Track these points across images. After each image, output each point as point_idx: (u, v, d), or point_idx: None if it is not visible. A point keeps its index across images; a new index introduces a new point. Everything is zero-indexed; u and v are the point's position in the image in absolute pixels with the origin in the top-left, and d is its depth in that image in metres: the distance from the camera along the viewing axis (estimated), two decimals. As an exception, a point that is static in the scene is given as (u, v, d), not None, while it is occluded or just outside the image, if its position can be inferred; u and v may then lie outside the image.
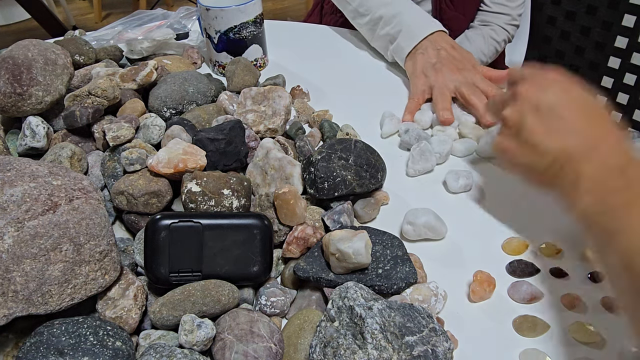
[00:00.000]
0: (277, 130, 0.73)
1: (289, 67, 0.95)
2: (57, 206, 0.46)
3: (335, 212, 0.59)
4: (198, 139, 0.63)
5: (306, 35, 1.09)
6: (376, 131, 0.78)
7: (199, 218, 0.51)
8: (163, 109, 0.74)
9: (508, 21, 1.14)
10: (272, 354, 0.45)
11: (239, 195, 0.57)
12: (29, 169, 0.48)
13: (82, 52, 0.86)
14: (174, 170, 0.58)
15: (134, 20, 1.06)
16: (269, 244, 0.52)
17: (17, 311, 0.43)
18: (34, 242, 0.43)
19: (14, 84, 0.64)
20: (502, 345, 0.49)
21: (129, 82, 0.77)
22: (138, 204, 0.58)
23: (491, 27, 1.14)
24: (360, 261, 0.50)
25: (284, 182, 0.62)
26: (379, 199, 0.64)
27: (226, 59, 0.91)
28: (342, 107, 0.82)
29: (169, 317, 0.47)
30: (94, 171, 0.65)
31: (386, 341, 0.42)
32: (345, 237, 0.51)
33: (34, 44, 0.68)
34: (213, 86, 0.81)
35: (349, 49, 1.02)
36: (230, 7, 0.85)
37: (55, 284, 0.44)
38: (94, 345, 0.42)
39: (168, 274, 0.50)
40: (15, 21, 3.10)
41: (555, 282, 0.55)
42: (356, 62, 0.98)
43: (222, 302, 0.48)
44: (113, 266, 0.49)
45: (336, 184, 0.59)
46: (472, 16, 1.16)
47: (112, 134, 0.63)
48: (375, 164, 0.63)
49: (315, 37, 1.08)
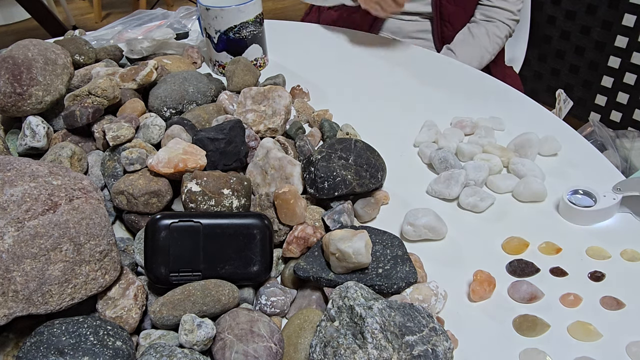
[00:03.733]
0: (277, 130, 0.73)
1: (289, 67, 0.95)
2: (57, 206, 0.46)
3: (336, 212, 0.59)
4: (198, 138, 0.63)
5: (306, 35, 1.09)
6: (376, 131, 0.78)
7: (199, 218, 0.51)
8: (163, 109, 0.74)
9: (509, 16, 1.14)
10: (272, 353, 0.45)
11: (239, 195, 0.57)
12: (29, 169, 0.48)
13: (82, 51, 0.86)
14: (174, 170, 0.58)
15: (134, 20, 1.06)
16: (269, 243, 0.52)
17: (18, 311, 0.43)
18: (34, 242, 0.43)
19: (14, 83, 0.64)
20: (502, 344, 0.49)
21: (129, 82, 0.77)
22: (138, 204, 0.58)
23: (494, 23, 1.14)
24: (361, 261, 0.50)
25: (284, 181, 0.62)
26: (379, 198, 0.64)
27: (226, 59, 0.91)
28: (342, 107, 0.82)
29: (169, 317, 0.47)
30: (94, 171, 0.65)
31: (386, 341, 0.42)
32: (345, 236, 0.51)
33: (34, 43, 0.68)
34: (213, 86, 0.81)
35: (349, 48, 1.02)
36: (230, 7, 0.85)
37: (55, 283, 0.44)
38: (94, 345, 0.42)
39: (168, 273, 0.50)
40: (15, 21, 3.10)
41: (555, 281, 0.55)
42: (356, 61, 0.98)
43: (222, 301, 0.48)
44: (113, 266, 0.49)
45: (336, 184, 0.59)
46: (472, 11, 1.16)
47: (112, 133, 0.63)
48: (375, 163, 0.63)
49: (315, 37, 1.08)
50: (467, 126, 0.76)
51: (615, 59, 1.43)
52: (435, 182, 0.66)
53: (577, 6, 1.33)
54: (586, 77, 1.67)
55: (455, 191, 0.65)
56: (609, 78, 1.43)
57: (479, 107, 0.83)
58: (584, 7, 1.31)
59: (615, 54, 1.43)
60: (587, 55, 1.43)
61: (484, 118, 0.79)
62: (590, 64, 1.42)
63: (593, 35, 1.36)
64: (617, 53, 1.42)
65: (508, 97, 0.85)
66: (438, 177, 0.67)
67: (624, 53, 1.43)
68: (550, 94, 1.81)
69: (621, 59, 1.44)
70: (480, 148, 0.72)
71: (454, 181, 0.65)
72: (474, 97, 0.86)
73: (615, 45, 1.42)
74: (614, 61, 1.42)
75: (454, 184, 0.65)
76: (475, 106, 0.83)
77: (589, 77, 1.62)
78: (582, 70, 1.46)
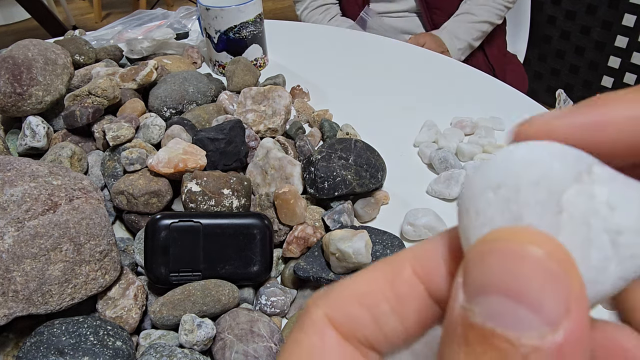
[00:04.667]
0: (277, 130, 0.73)
1: (289, 67, 0.95)
2: (57, 206, 0.46)
3: (336, 212, 0.59)
4: (198, 138, 0.63)
5: (306, 35, 1.09)
6: (376, 131, 0.78)
7: (199, 218, 0.51)
8: (163, 109, 0.74)
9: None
10: (272, 353, 0.45)
11: (239, 195, 0.57)
12: (29, 169, 0.48)
13: (82, 51, 0.86)
14: (174, 170, 0.58)
15: (134, 20, 1.06)
16: (269, 243, 0.52)
17: (18, 311, 0.43)
18: (34, 242, 0.43)
19: (14, 83, 0.64)
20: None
21: (129, 82, 0.77)
22: (138, 204, 0.58)
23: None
24: (361, 261, 0.50)
25: (284, 181, 0.62)
26: (379, 198, 0.64)
27: (226, 59, 0.91)
28: (342, 107, 0.82)
29: (169, 317, 0.47)
30: (94, 171, 0.65)
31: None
32: (345, 236, 0.51)
33: (34, 43, 0.68)
34: (213, 86, 0.81)
35: (349, 48, 1.02)
36: (230, 7, 0.85)
37: (55, 283, 0.44)
38: (94, 345, 0.42)
39: (168, 273, 0.50)
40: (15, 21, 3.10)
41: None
42: (356, 61, 0.98)
43: (222, 301, 0.48)
44: (113, 266, 0.49)
45: (336, 184, 0.59)
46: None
47: (112, 133, 0.63)
48: (376, 163, 0.63)
49: (315, 36, 1.08)
50: (467, 126, 0.76)
51: (615, 59, 1.43)
52: (435, 182, 0.66)
53: (577, 6, 1.33)
54: (586, 77, 1.68)
55: (456, 191, 0.65)
56: (609, 78, 1.43)
57: (479, 107, 0.83)
58: (584, 7, 1.31)
59: (615, 54, 1.43)
60: (587, 55, 1.43)
61: (484, 118, 0.79)
62: (590, 64, 1.42)
63: (593, 35, 1.35)
64: (617, 53, 1.42)
65: (508, 97, 0.85)
66: (438, 177, 0.67)
67: (624, 53, 1.43)
68: (550, 94, 1.81)
69: (621, 59, 1.44)
70: (480, 148, 0.72)
71: (454, 181, 0.65)
72: (474, 97, 0.86)
73: (615, 45, 1.42)
74: (614, 61, 1.42)
75: (454, 184, 0.65)
76: (475, 106, 0.83)
77: (589, 77, 1.62)
78: (582, 70, 1.46)
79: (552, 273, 0.13)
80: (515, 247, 0.13)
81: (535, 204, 0.14)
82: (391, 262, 0.17)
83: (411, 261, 0.16)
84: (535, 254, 0.13)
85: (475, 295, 0.13)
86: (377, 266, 0.17)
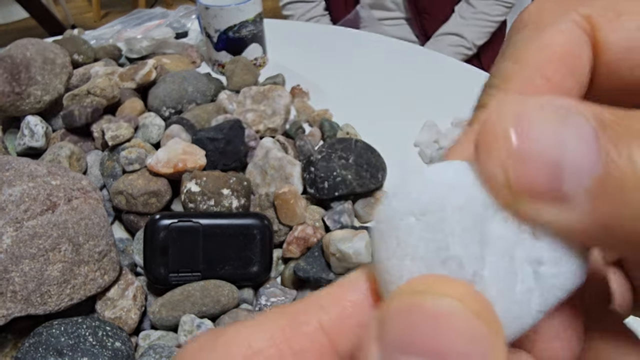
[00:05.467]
0: (277, 130, 0.72)
1: (288, 66, 0.95)
2: (55, 206, 0.45)
3: (336, 212, 0.58)
4: (197, 138, 0.63)
5: (306, 34, 1.08)
6: (376, 131, 0.78)
7: (198, 218, 0.51)
8: (162, 108, 0.74)
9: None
10: (272, 354, 0.45)
11: (238, 195, 0.57)
12: (27, 169, 0.47)
13: (81, 51, 0.85)
14: (173, 169, 0.58)
15: (133, 19, 1.06)
16: (268, 244, 0.52)
17: (16, 311, 0.43)
18: (33, 242, 0.43)
19: (13, 83, 0.64)
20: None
21: (128, 81, 0.76)
22: (137, 204, 0.58)
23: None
24: (361, 261, 0.50)
25: (284, 181, 0.62)
26: (380, 198, 0.64)
27: (226, 58, 0.90)
28: (342, 107, 0.82)
29: (169, 318, 0.47)
30: (92, 171, 0.65)
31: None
32: (345, 237, 0.51)
33: (33, 43, 0.68)
34: (212, 85, 0.80)
35: (349, 48, 1.02)
36: (230, 6, 0.84)
37: (54, 284, 0.44)
38: (93, 345, 0.42)
39: (167, 274, 0.50)
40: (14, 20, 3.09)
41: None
42: (356, 61, 0.98)
43: (221, 302, 0.48)
44: (112, 266, 0.48)
45: (336, 184, 0.59)
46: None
47: (111, 133, 0.63)
48: (376, 163, 0.63)
49: (315, 36, 1.08)
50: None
51: (615, 59, 1.43)
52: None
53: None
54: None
55: None
56: (608, 78, 1.43)
57: (479, 107, 0.82)
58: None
59: (615, 53, 1.43)
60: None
61: (484, 118, 0.78)
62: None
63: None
64: (616, 53, 1.42)
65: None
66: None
67: (623, 53, 1.43)
68: (549, 93, 1.81)
69: (621, 59, 1.43)
70: None
71: None
72: (475, 97, 0.85)
73: (615, 45, 1.41)
74: (613, 61, 1.42)
75: None
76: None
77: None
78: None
79: (474, 335, 0.12)
80: (436, 303, 0.12)
81: (460, 233, 0.13)
82: (292, 312, 0.15)
83: (317, 311, 0.15)
84: (457, 311, 0.12)
85: (393, 352, 0.12)
86: (273, 316, 0.15)
